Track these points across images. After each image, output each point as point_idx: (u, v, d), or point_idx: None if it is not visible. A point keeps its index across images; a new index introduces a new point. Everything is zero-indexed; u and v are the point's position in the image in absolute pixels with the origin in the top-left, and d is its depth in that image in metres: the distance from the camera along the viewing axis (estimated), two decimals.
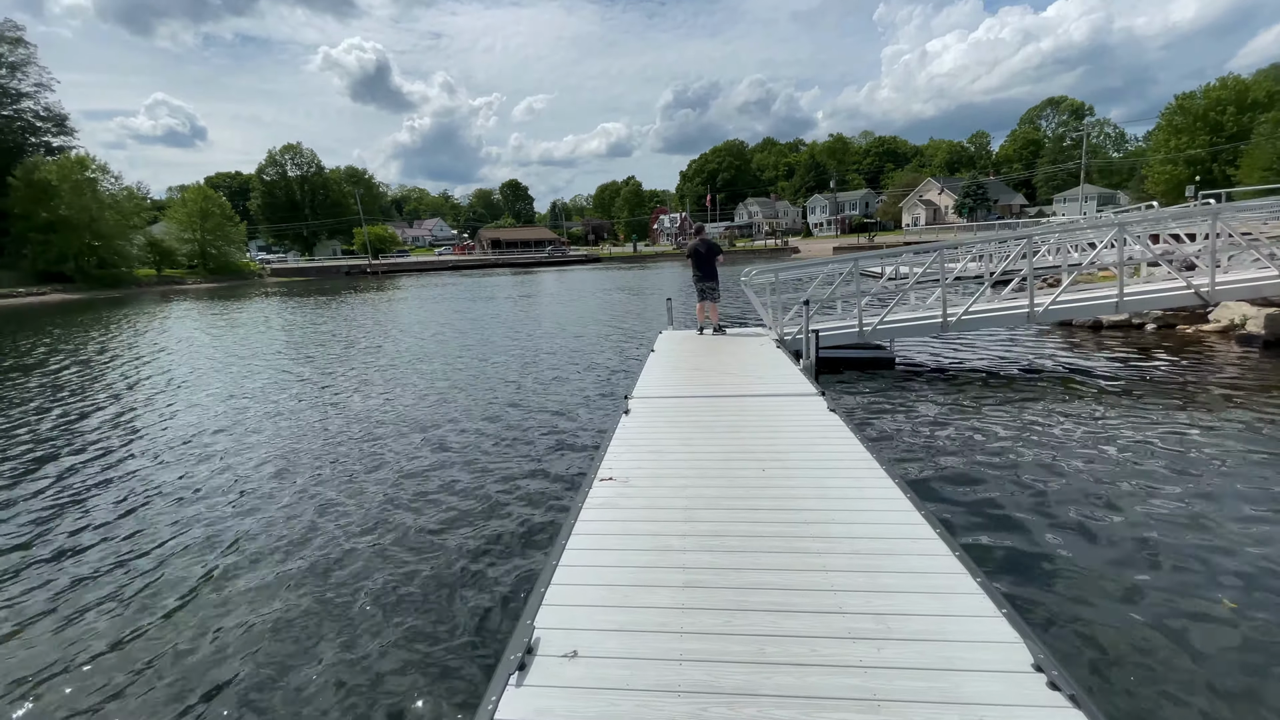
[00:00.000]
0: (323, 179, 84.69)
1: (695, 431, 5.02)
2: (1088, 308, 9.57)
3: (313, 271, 65.14)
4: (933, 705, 2.03)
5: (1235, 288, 9.25)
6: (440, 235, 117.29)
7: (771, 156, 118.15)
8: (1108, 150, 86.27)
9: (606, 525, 3.38)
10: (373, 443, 7.19)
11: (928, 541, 3.06)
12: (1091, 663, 3.08)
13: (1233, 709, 2.76)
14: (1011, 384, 8.43)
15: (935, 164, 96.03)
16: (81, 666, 3.45)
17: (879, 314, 9.72)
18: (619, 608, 2.61)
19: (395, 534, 4.83)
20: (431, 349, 14.22)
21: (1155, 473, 5.24)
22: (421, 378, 10.92)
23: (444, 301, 27.97)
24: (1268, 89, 48.45)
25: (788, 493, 3.71)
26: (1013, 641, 2.30)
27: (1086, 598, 3.59)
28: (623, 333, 15.19)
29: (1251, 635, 3.21)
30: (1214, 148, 47.74)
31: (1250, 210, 11.06)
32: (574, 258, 74.88)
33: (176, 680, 3.30)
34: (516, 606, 3.63)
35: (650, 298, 24.64)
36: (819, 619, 2.49)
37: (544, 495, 5.41)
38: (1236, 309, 10.72)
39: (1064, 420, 6.73)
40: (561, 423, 7.61)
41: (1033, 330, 12.23)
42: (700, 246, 10.07)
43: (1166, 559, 3.95)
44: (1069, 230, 15.24)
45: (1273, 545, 4.04)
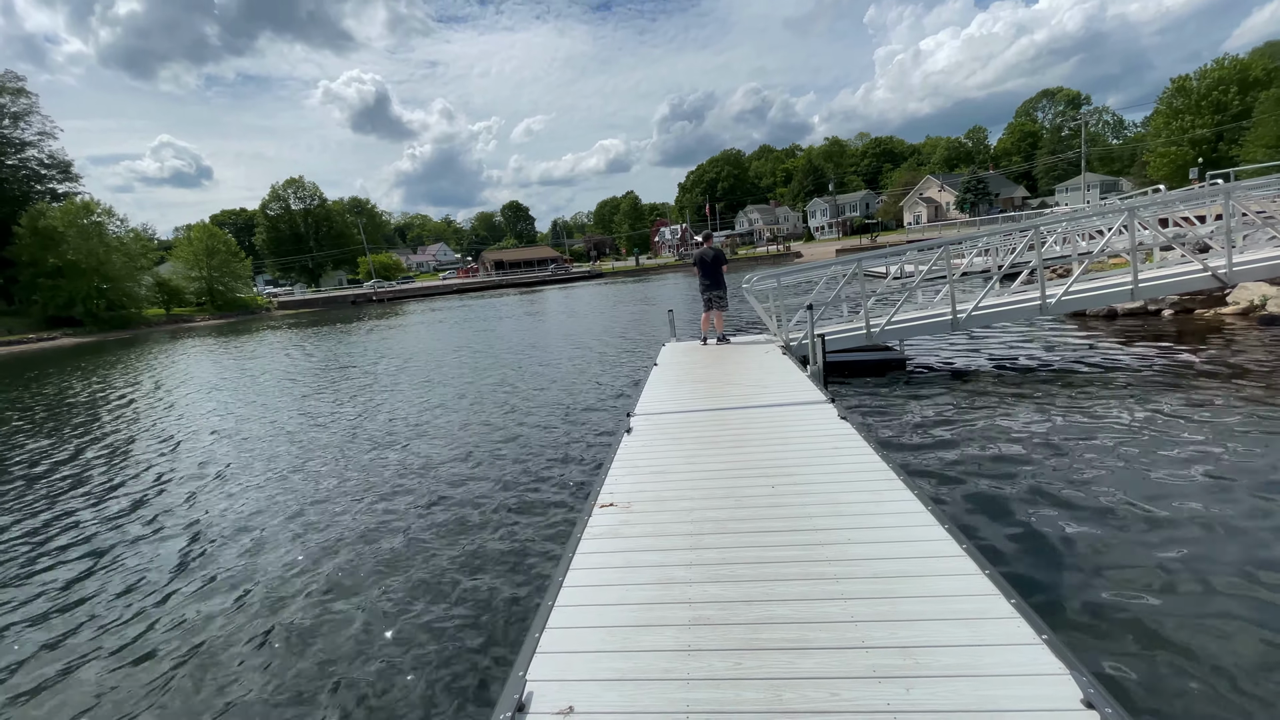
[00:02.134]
0: (326, 211, 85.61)
1: (700, 448, 4.80)
2: (1102, 296, 9.28)
3: (319, 302, 65.64)
4: None
5: (1253, 267, 8.95)
6: (444, 260, 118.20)
7: (769, 163, 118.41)
8: (1107, 138, 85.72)
9: (607, 558, 3.16)
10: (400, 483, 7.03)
11: (954, 560, 2.82)
12: (1141, 688, 2.81)
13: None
14: (1028, 379, 8.15)
15: (934, 161, 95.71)
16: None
17: (886, 314, 9.48)
18: (619, 652, 2.39)
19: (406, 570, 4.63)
20: (449, 373, 14.10)
21: (1193, 467, 4.95)
22: (439, 408, 10.78)
23: (452, 326, 27.94)
24: (1265, 66, 48.03)
25: (800, 511, 3.47)
26: (1057, 674, 2.05)
27: (1129, 611, 3.33)
28: (628, 344, 15.01)
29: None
30: (1217, 128, 47.24)
31: (1262, 188, 10.76)
32: (577, 275, 75.01)
33: None
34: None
35: (654, 310, 24.50)
36: (839, 657, 2.25)
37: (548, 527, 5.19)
38: (1256, 289, 10.39)
39: (1087, 415, 6.45)
40: (571, 448, 7.40)
41: (1046, 322, 11.92)
42: (707, 254, 9.90)
43: (1215, 567, 3.67)
44: (1076, 219, 14.96)
45: None
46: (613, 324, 20.98)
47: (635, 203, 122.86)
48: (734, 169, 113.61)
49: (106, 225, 51.85)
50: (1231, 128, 46.39)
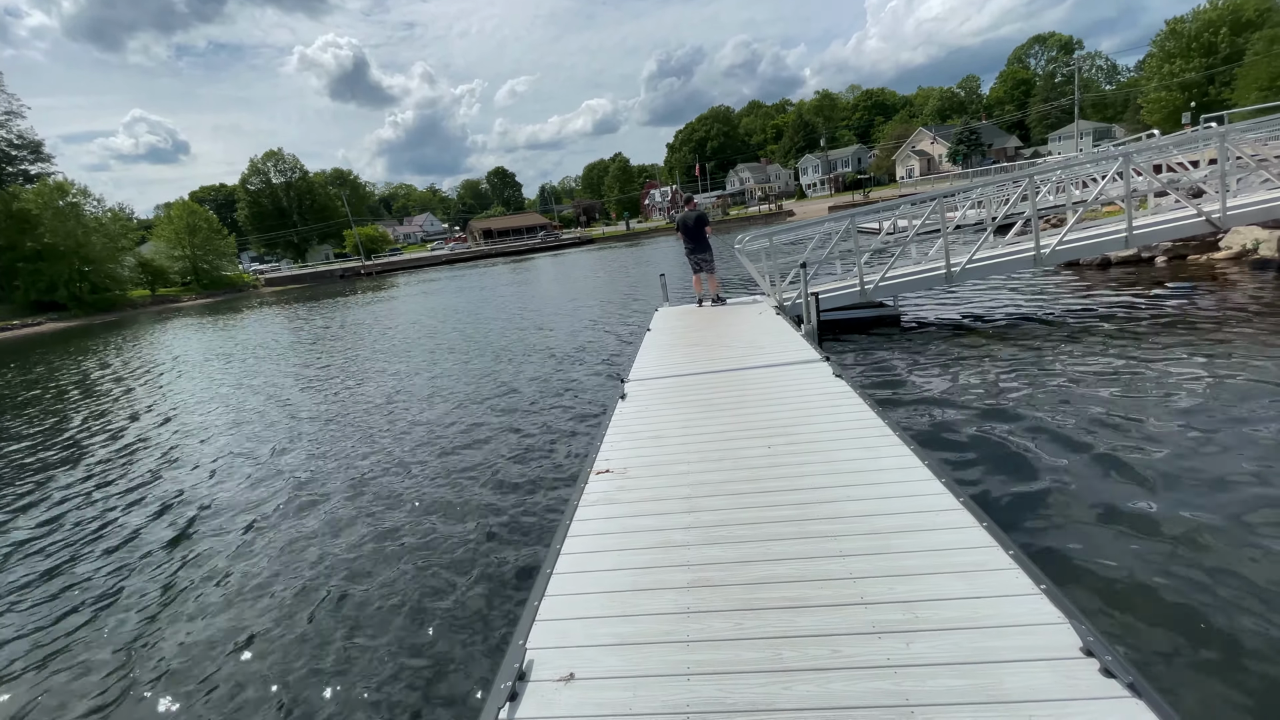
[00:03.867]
0: (308, 183, 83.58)
1: (696, 411, 4.76)
2: (1096, 245, 9.21)
3: (307, 278, 64.77)
4: (974, 707, 1.81)
5: (1247, 211, 8.87)
6: (431, 230, 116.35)
7: (759, 120, 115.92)
8: (1100, 84, 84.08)
9: (605, 524, 3.15)
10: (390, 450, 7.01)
11: (951, 513, 2.81)
12: (1139, 638, 2.86)
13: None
14: (1024, 331, 8.14)
15: (926, 113, 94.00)
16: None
17: (880, 271, 9.39)
18: (620, 617, 2.39)
19: (386, 539, 4.65)
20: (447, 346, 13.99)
21: (1188, 414, 4.97)
22: (431, 374, 10.71)
23: (447, 296, 27.65)
24: (1257, 5, 46.88)
25: (797, 470, 3.46)
26: (1057, 623, 2.06)
27: (1125, 562, 3.37)
28: (622, 309, 14.90)
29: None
30: (1209, 71, 46.41)
31: (1256, 129, 10.59)
32: (567, 241, 74.06)
33: None
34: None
35: (648, 273, 24.29)
36: (839, 613, 2.26)
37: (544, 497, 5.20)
38: (1249, 234, 10.33)
39: (1083, 366, 6.45)
40: (568, 415, 7.38)
41: (1040, 273, 11.87)
42: (689, 217, 9.70)
43: (1212, 515, 3.70)
44: (1069, 167, 14.76)
45: None
46: (606, 290, 20.79)
47: (624, 165, 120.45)
48: (724, 127, 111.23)
49: (83, 206, 50.54)
50: (1221, 71, 45.56)
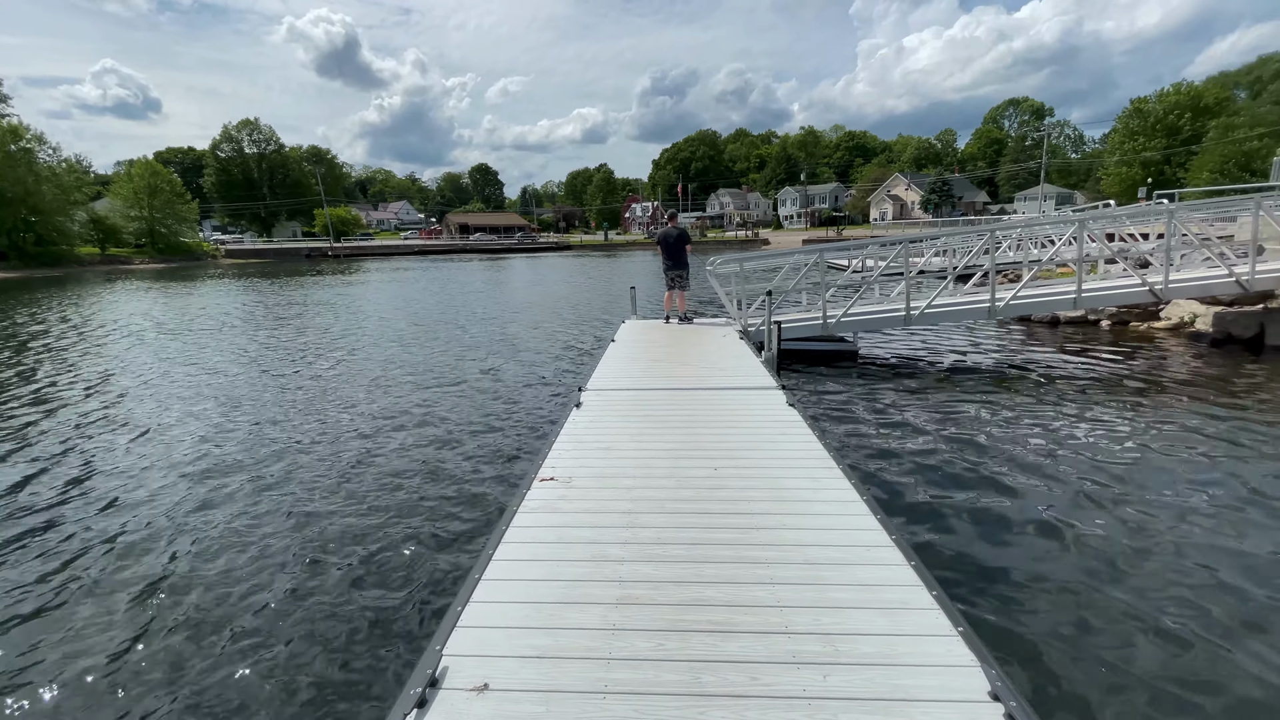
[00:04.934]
0: (282, 157, 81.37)
1: (648, 426, 4.76)
2: (1046, 303, 9.63)
3: (270, 254, 62.76)
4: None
5: (1187, 286, 9.41)
6: (406, 218, 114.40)
7: (744, 147, 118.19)
8: (1067, 151, 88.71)
9: (541, 532, 3.10)
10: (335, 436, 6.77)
11: (882, 550, 2.87)
12: (1042, 678, 2.94)
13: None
14: (972, 379, 8.42)
15: (904, 160, 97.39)
16: None
17: (843, 306, 9.61)
18: (543, 629, 2.34)
19: (310, 531, 4.47)
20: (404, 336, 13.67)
21: (1111, 472, 5.20)
22: (383, 361, 10.44)
23: (416, 288, 27.10)
24: (1216, 95, 50.38)
25: (740, 495, 3.48)
26: (968, 665, 2.11)
27: (1036, 607, 3.48)
28: (589, 317, 14.85)
29: (1199, 637, 3.13)
30: (1167, 151, 49.46)
31: (1202, 210, 11.29)
32: (545, 245, 73.79)
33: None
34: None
35: (622, 285, 24.34)
36: (762, 641, 2.26)
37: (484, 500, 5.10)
38: (1187, 307, 10.96)
39: (1023, 417, 6.70)
40: (516, 420, 7.28)
41: (993, 324, 12.33)
42: (670, 234, 9.83)
43: (1125, 562, 3.86)
44: (1030, 226, 15.46)
45: (1215, 544, 4.00)
46: (577, 296, 20.72)
47: (609, 176, 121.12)
48: (709, 150, 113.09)
49: (36, 153, 48.03)
50: (1180, 152, 48.64)
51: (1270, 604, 3.42)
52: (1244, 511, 4.45)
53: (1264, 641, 3.12)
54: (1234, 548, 3.99)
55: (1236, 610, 3.37)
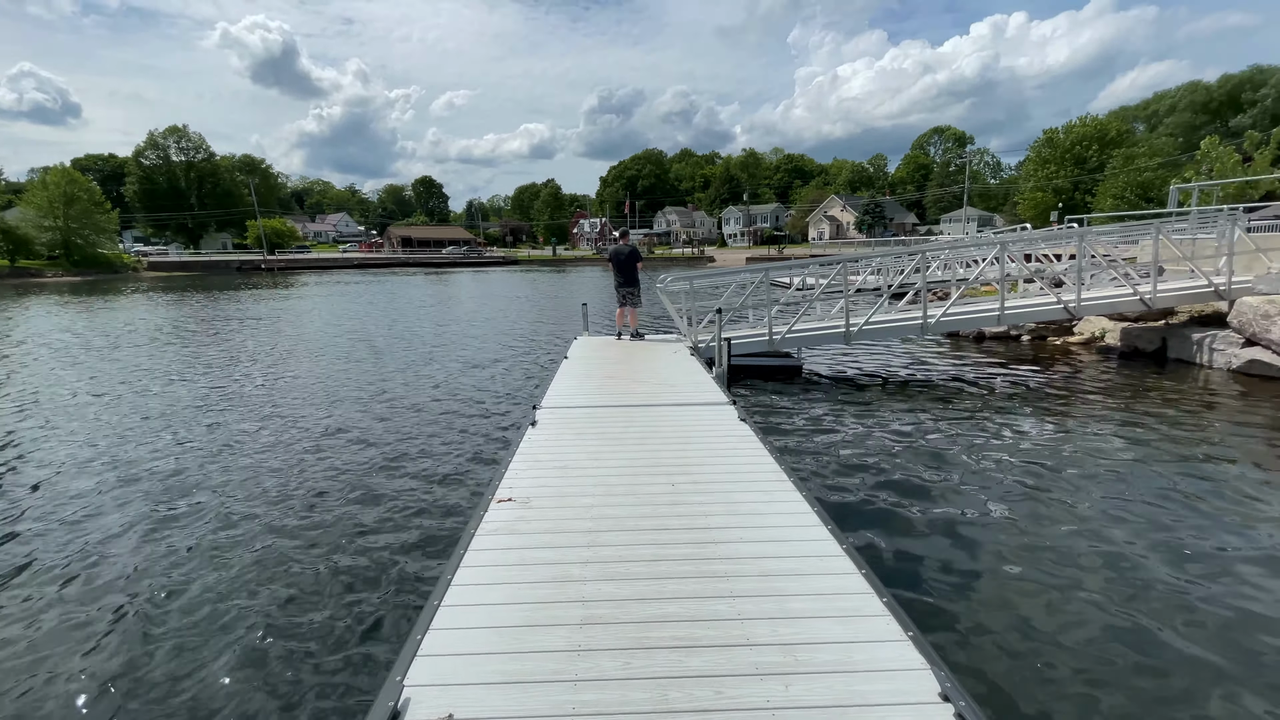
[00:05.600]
0: (213, 166, 77.11)
1: (604, 444, 4.78)
2: (973, 320, 10.25)
3: (198, 266, 59.23)
4: None
5: (1097, 304, 10.23)
6: (346, 231, 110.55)
7: (689, 167, 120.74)
8: (986, 176, 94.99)
9: (501, 555, 3.06)
10: (267, 451, 6.41)
11: (835, 560, 2.98)
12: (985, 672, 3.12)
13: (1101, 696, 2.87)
14: (908, 391, 8.85)
15: (839, 182, 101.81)
16: None
17: (788, 323, 9.94)
18: (508, 654, 2.31)
19: (261, 562, 4.24)
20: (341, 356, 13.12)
21: (1033, 474, 5.58)
22: (326, 378, 9.99)
23: (356, 302, 26.12)
24: (1118, 127, 55.29)
25: (697, 509, 3.54)
26: (919, 669, 2.22)
27: (974, 598, 3.69)
28: (541, 334, 14.73)
29: (1118, 622, 3.39)
30: (1076, 178, 53.72)
31: (1109, 234, 12.34)
32: (491, 259, 72.81)
33: None
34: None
35: (571, 300, 24.29)
36: (725, 654, 2.31)
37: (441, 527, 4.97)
38: (1098, 323, 11.91)
39: (954, 426, 7.09)
40: (469, 438, 7.14)
41: (926, 339, 13.00)
42: (622, 251, 9.96)
43: (1047, 556, 4.15)
44: (956, 248, 16.44)
45: (1130, 538, 4.36)
46: (527, 312, 20.53)
47: (556, 192, 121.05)
48: (655, 168, 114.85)
49: None
50: (1087, 179, 52.94)
51: (1174, 583, 3.75)
52: (1151, 505, 4.87)
53: (1159, 615, 3.42)
54: (1144, 536, 4.36)
55: (1144, 589, 3.68)
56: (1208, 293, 9.88)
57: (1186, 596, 3.74)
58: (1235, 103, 54.77)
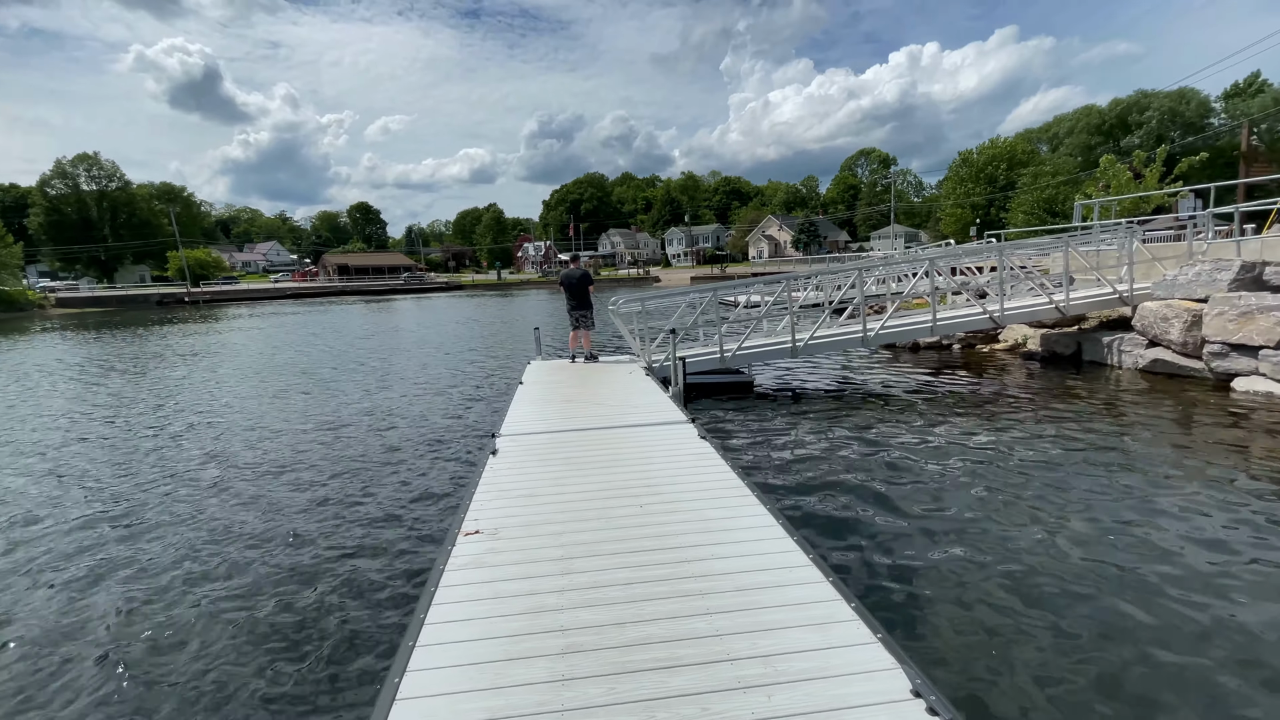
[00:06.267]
0: (128, 195, 72.61)
1: (568, 469, 4.77)
2: (908, 331, 10.82)
3: (113, 301, 55.28)
4: None
5: (1018, 312, 11.00)
6: (277, 260, 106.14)
7: (631, 190, 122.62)
8: (910, 195, 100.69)
9: (474, 589, 3.01)
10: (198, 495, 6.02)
11: (804, 569, 3.09)
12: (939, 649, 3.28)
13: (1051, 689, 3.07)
14: (853, 401, 9.23)
15: (775, 203, 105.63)
16: None
17: (737, 340, 10.21)
18: (489, 690, 2.28)
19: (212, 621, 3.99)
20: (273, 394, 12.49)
21: (971, 475, 5.92)
22: (256, 418, 9.49)
23: (286, 331, 24.95)
24: (1024, 148, 59.95)
25: (667, 529, 3.59)
26: (891, 668, 2.33)
27: (931, 592, 3.88)
28: (491, 360, 14.50)
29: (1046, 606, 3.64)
30: (990, 196, 57.74)
31: (1024, 248, 13.32)
32: (434, 285, 71.36)
33: None
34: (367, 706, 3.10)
35: (520, 325, 24.05)
36: (707, 671, 2.36)
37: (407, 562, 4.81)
38: (1019, 330, 12.77)
39: (897, 432, 7.45)
40: (426, 470, 6.95)
41: (867, 351, 13.60)
42: (573, 274, 10.04)
43: (992, 546, 4.41)
44: (889, 264, 17.35)
45: (1059, 519, 4.69)
46: (475, 338, 20.18)
47: (499, 216, 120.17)
48: (598, 191, 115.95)
49: None
50: (1000, 196, 57.00)
51: (1092, 561, 4.07)
52: (1078, 491, 5.26)
53: (1090, 580, 3.73)
54: (1069, 523, 4.71)
55: (1071, 568, 3.98)
56: (1113, 299, 10.80)
57: (1116, 561, 4.22)
58: (1125, 124, 60.33)
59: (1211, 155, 38.23)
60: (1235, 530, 4.66)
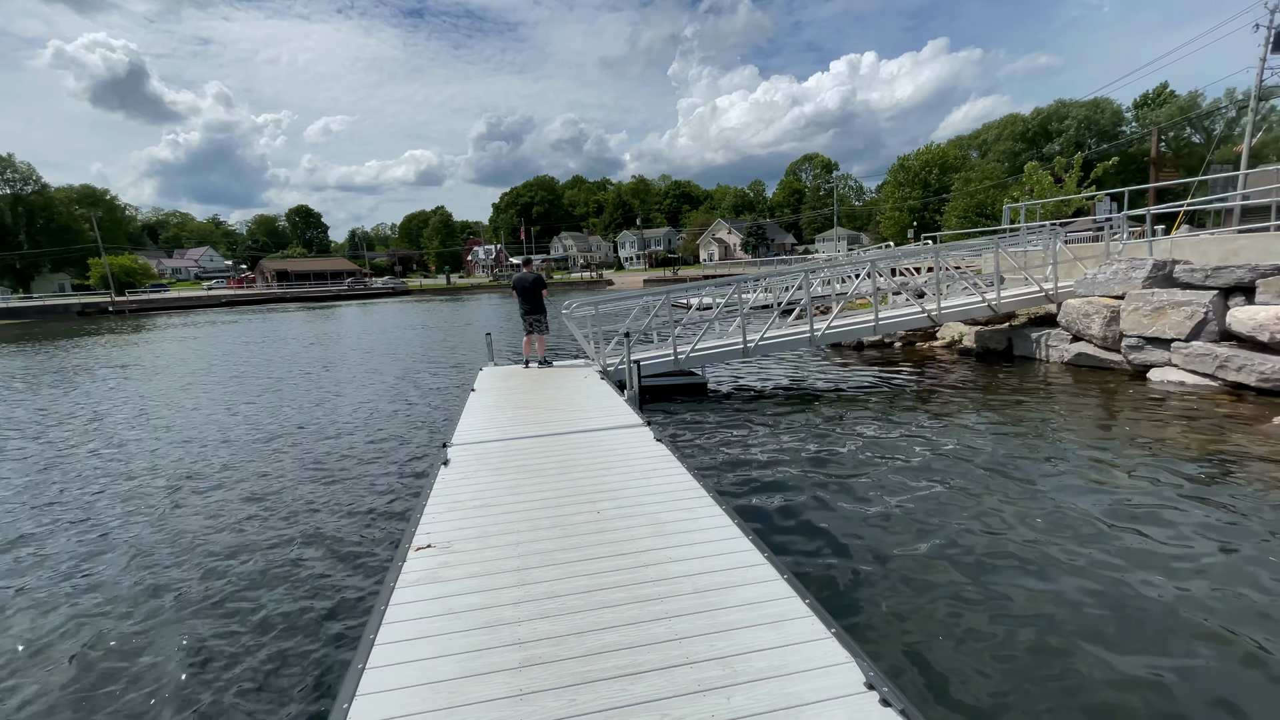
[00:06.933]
0: (45, 199, 67.55)
1: (524, 477, 4.70)
2: (853, 331, 11.18)
3: (30, 312, 51.18)
4: None
5: (953, 311, 11.52)
6: (210, 266, 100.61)
7: (582, 193, 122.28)
8: (851, 199, 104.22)
9: (426, 605, 2.92)
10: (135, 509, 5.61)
11: (760, 568, 3.13)
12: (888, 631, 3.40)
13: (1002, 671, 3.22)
14: (802, 399, 9.46)
15: (724, 207, 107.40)
16: None
17: (690, 342, 10.31)
18: (444, 710, 2.22)
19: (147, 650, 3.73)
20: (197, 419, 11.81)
21: (915, 466, 6.17)
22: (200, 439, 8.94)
23: (221, 342, 23.65)
24: (956, 154, 63.02)
25: (625, 535, 3.59)
26: (845, 662, 2.39)
27: (882, 583, 4.01)
28: (442, 367, 14.15)
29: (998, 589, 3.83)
30: (926, 199, 60.40)
31: (959, 249, 13.97)
32: (380, 290, 69.23)
33: None
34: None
35: (472, 331, 23.57)
36: (667, 676, 2.36)
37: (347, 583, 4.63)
38: (955, 328, 13.37)
39: (845, 426, 7.69)
40: (375, 484, 6.71)
41: (814, 350, 13.97)
42: (526, 279, 9.93)
43: (935, 530, 4.60)
44: (834, 266, 17.89)
45: (999, 504, 4.94)
46: (427, 345, 19.65)
47: (447, 219, 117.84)
48: (549, 194, 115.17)
49: None
50: (935, 200, 59.72)
51: (1030, 536, 4.30)
52: (1007, 476, 5.54)
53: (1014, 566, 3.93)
54: (1011, 499, 4.96)
55: (1010, 547, 4.19)
56: (1040, 297, 11.44)
57: (1050, 538, 4.54)
58: (1046, 132, 64.26)
59: (1124, 161, 41.20)
60: (1147, 501, 5.11)
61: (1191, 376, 8.81)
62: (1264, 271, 8.61)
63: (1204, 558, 4.25)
